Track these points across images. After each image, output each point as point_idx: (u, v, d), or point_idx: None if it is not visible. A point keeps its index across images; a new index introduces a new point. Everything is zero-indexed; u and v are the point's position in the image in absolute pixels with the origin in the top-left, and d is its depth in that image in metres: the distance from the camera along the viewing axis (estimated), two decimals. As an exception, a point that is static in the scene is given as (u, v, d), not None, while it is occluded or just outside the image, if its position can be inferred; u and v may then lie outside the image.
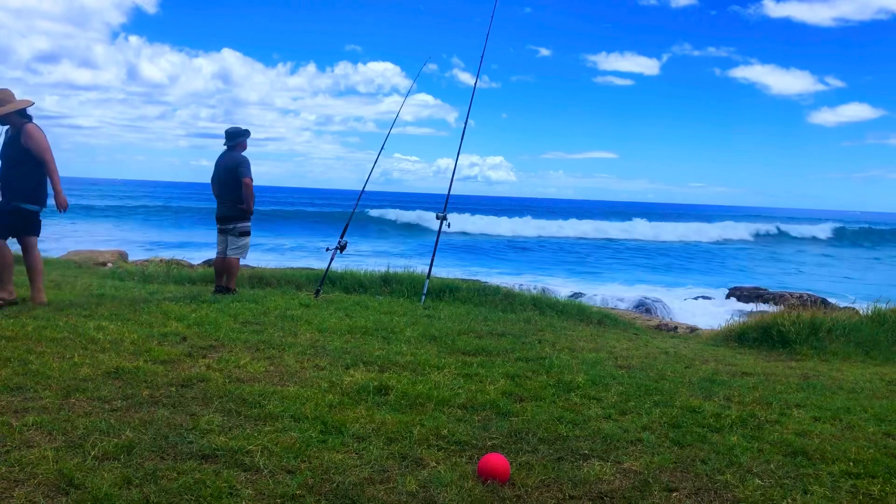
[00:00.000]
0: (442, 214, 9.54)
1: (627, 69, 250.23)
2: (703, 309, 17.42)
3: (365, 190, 9.99)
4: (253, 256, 11.10)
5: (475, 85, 10.14)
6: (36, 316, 6.40)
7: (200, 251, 24.30)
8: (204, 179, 15.04)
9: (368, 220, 49.52)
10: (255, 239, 9.43)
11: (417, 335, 6.61)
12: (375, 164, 10.30)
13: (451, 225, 9.69)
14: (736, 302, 18.16)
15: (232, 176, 8.66)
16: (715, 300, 19.13)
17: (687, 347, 7.52)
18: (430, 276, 9.52)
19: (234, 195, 8.69)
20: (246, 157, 8.82)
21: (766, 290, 19.08)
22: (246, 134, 8.90)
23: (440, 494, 3.12)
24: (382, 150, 10.35)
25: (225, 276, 8.86)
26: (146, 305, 7.34)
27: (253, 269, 11.63)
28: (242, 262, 9.30)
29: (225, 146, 8.87)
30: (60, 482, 2.99)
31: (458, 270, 20.63)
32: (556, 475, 3.40)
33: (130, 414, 3.88)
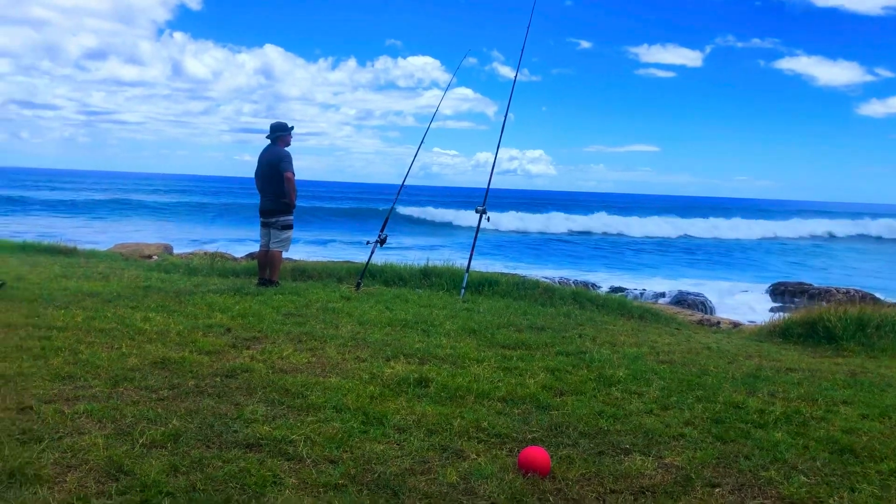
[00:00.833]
0: (481, 208, 9.54)
1: (669, 61, 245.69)
2: (746, 304, 17.16)
3: (404, 184, 10.03)
4: (295, 249, 11.20)
5: (515, 78, 10.13)
6: (86, 307, 6.58)
7: (244, 245, 24.61)
8: (246, 174, 15.24)
9: (402, 217, 49.46)
10: (297, 233, 9.53)
11: (457, 328, 6.62)
12: (415, 158, 10.34)
13: (490, 219, 9.69)
14: (780, 297, 17.83)
15: (274, 170, 8.78)
16: (758, 295, 18.80)
17: (730, 342, 7.41)
18: (469, 269, 9.52)
19: (276, 189, 8.81)
20: (288, 151, 8.94)
21: (811, 285, 18.65)
22: (288, 129, 9.00)
23: (480, 486, 3.14)
24: (422, 144, 10.38)
25: (268, 268, 8.98)
26: (191, 297, 7.49)
27: (295, 261, 11.75)
28: (285, 255, 9.41)
29: (268, 139, 9.00)
30: (110, 468, 3.08)
31: (497, 264, 20.56)
32: (596, 469, 3.39)
33: (177, 403, 3.98)
